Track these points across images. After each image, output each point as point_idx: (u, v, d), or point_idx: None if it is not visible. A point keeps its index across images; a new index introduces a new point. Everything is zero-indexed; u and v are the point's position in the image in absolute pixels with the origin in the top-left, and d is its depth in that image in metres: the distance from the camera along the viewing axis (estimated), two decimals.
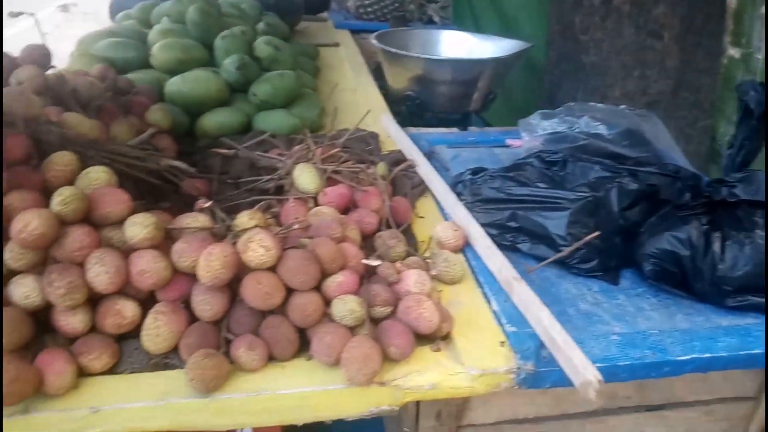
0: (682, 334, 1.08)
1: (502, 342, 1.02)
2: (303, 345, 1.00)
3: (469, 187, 1.38)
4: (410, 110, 2.28)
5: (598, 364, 0.93)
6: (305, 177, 1.30)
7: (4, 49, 1.27)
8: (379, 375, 0.94)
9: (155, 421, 0.90)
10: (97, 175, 1.03)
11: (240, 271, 0.99)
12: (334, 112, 1.61)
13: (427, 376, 0.96)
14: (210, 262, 0.94)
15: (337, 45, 2.98)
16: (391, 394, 0.95)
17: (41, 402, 0.89)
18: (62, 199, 0.93)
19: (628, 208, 1.27)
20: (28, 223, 0.88)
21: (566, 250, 1.17)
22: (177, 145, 1.55)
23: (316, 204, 1.28)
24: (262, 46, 1.97)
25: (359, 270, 1.06)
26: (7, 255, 0.92)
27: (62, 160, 1.02)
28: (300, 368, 0.97)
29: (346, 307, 0.97)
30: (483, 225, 1.26)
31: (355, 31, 3.38)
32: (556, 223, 1.23)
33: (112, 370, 0.95)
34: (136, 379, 0.94)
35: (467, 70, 2.14)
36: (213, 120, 1.77)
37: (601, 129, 1.69)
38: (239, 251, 0.98)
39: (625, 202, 1.27)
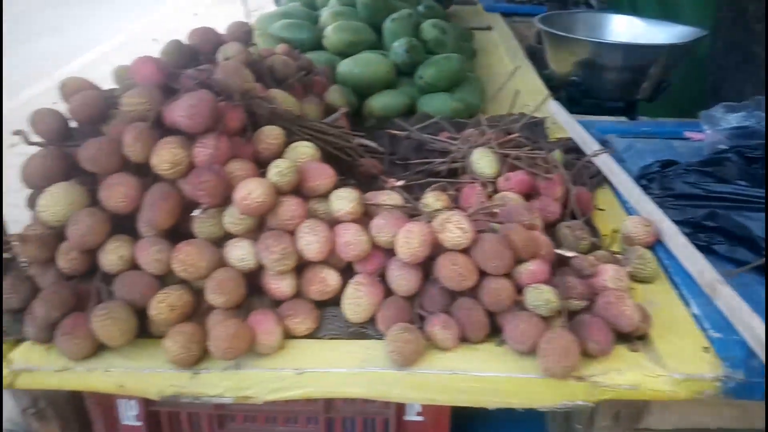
0: None
1: (706, 348, 0.96)
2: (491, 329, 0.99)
3: (658, 180, 1.31)
4: (570, 96, 2.20)
5: None
6: (484, 161, 1.29)
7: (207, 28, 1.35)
8: (576, 369, 0.91)
9: (354, 388, 0.94)
10: (305, 149, 1.07)
11: (434, 250, 1.00)
12: (515, 95, 1.58)
13: (627, 375, 0.93)
14: (409, 240, 0.96)
15: (489, 28, 2.94)
16: (587, 389, 0.92)
17: (251, 359, 0.96)
18: (279, 171, 0.98)
19: None
20: (251, 191, 0.94)
21: None
22: (350, 125, 1.60)
23: (495, 189, 1.26)
24: (429, 28, 1.97)
25: (550, 259, 1.04)
26: (227, 219, 0.99)
27: (272, 133, 1.08)
28: (492, 352, 0.97)
29: (542, 297, 0.95)
30: (674, 222, 1.19)
31: (505, 15, 3.31)
32: (761, 225, 1.13)
33: (312, 335, 1.00)
34: (335, 345, 0.98)
35: (640, 56, 2.03)
36: (380, 101, 1.80)
37: None
38: (435, 231, 0.99)
39: None
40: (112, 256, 0.98)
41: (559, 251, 1.03)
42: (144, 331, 0.99)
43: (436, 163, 1.46)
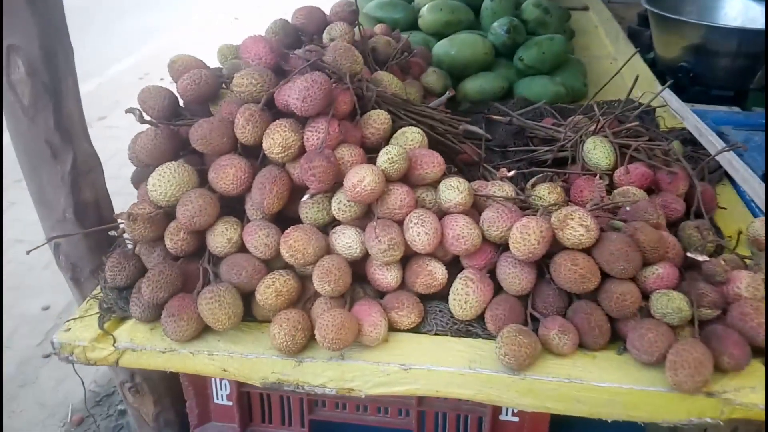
0: None
1: None
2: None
3: None
4: (676, 83, 2.06)
5: None
6: (600, 151, 1.20)
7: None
8: (708, 384, 0.84)
9: (461, 389, 0.90)
10: (413, 135, 1.03)
11: (551, 248, 0.93)
12: (635, 81, 1.46)
13: (762, 394, 0.84)
14: (526, 236, 0.90)
15: (586, 8, 2.79)
16: (718, 406, 0.85)
17: (355, 351, 0.93)
18: (389, 158, 0.94)
19: None
20: (362, 179, 0.90)
21: None
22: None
23: (611, 183, 1.18)
24: (531, 8, 1.88)
25: (678, 262, 0.96)
26: (334, 206, 0.96)
27: (379, 117, 1.03)
28: (611, 361, 0.90)
29: (672, 305, 0.87)
30: None
31: None
32: None
33: (416, 329, 0.96)
34: (440, 342, 0.94)
35: (758, 42, 1.86)
36: (475, 84, 1.73)
37: None
38: (554, 227, 0.92)
39: None
40: (220, 239, 0.97)
41: (691, 255, 0.94)
42: (247, 313, 0.98)
43: (541, 152, 1.38)
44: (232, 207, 1.03)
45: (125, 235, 1.04)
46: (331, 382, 0.92)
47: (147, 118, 1.03)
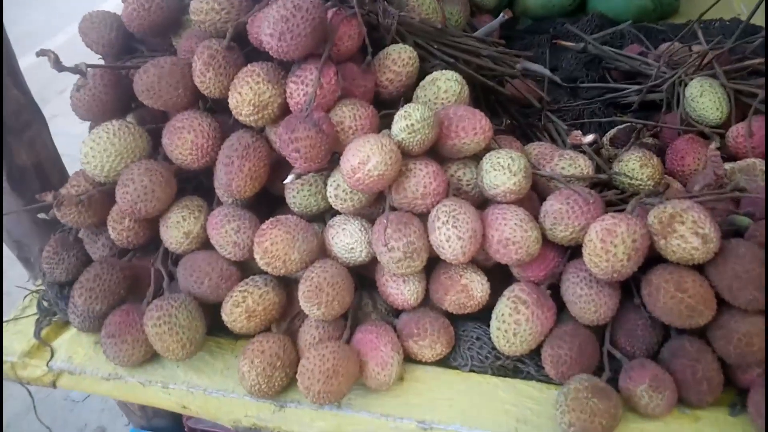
0: None
1: None
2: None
3: None
4: None
5: None
6: (709, 99, 0.87)
7: None
8: None
9: None
10: (448, 84, 0.71)
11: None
12: None
13: None
14: (610, 247, 0.60)
15: None
16: None
17: (358, 396, 0.67)
18: (409, 124, 0.64)
19: None
20: (365, 160, 0.61)
21: None
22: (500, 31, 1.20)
23: (722, 144, 0.85)
24: None
25: None
26: (330, 190, 0.68)
27: (401, 56, 0.72)
28: (721, 427, 0.62)
29: None
30: None
31: None
32: None
33: (443, 361, 0.70)
34: (476, 384, 0.67)
35: None
36: None
37: None
38: (654, 232, 0.62)
39: None
40: (175, 232, 0.71)
41: None
42: (220, 327, 0.73)
43: (624, 92, 1.06)
44: (200, 181, 0.76)
45: None
46: None
47: (70, 65, 0.74)
